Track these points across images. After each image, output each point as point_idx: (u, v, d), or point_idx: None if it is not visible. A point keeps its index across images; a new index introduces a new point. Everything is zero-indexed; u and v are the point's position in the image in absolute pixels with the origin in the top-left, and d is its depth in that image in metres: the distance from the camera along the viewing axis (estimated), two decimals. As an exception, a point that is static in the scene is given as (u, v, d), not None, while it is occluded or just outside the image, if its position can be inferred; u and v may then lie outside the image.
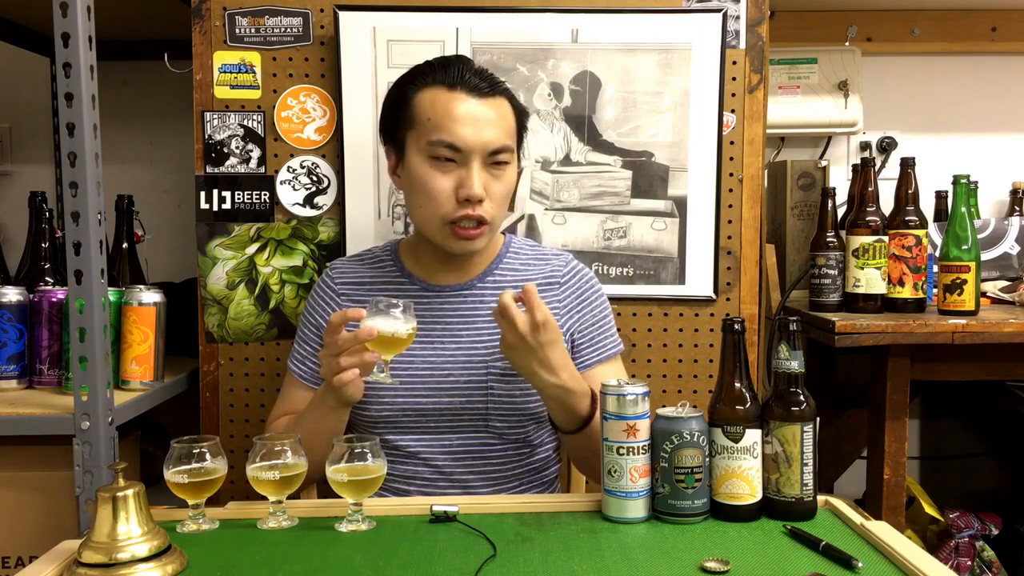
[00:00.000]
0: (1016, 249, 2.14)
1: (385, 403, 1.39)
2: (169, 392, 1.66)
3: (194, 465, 1.14)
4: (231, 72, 1.73)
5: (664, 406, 1.19)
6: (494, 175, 1.34)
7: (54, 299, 1.57)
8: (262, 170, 1.74)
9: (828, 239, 1.99)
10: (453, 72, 1.34)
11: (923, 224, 1.92)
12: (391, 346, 1.22)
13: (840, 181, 2.34)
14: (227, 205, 1.74)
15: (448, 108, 1.32)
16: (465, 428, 1.40)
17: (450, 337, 1.40)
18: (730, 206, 1.76)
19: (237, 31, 1.72)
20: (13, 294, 1.57)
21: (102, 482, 1.31)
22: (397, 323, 1.20)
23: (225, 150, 1.73)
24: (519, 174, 1.44)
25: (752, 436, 1.14)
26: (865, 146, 2.43)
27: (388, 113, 1.41)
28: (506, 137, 1.34)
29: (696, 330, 1.78)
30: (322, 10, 1.72)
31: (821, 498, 1.20)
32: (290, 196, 1.74)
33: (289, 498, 1.19)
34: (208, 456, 1.14)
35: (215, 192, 1.74)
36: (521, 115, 1.41)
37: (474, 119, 1.31)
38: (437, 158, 1.32)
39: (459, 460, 1.40)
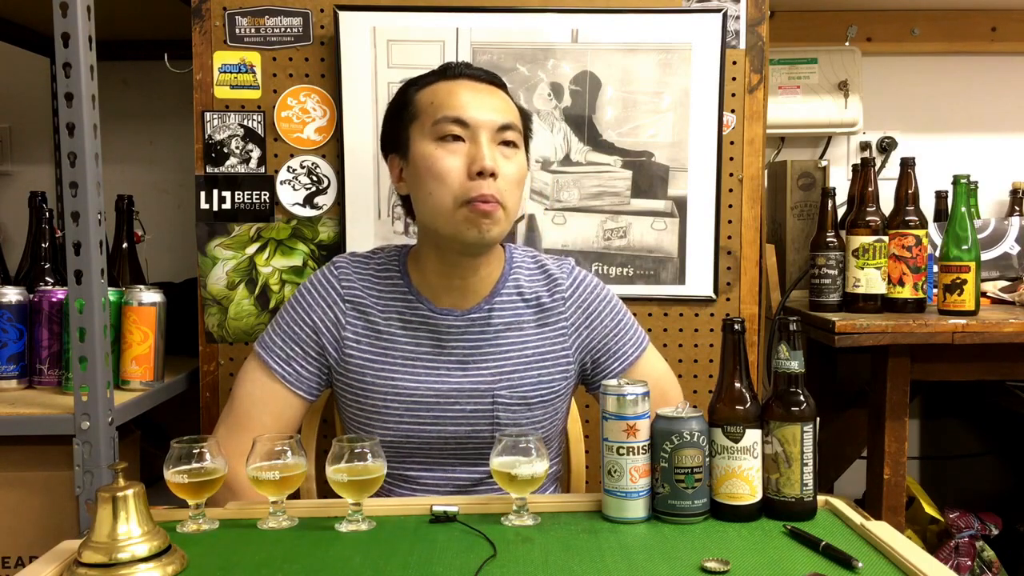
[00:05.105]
0: (1016, 249, 2.14)
1: (389, 430, 1.35)
2: (169, 392, 1.65)
3: (194, 465, 1.13)
4: (231, 72, 1.73)
5: (664, 406, 1.19)
6: (505, 155, 1.30)
7: (54, 299, 1.57)
8: (262, 170, 1.74)
9: (828, 239, 1.99)
10: (453, 69, 1.36)
11: (923, 224, 1.92)
12: None
13: (840, 181, 2.34)
14: (227, 205, 1.74)
15: (452, 90, 1.32)
16: (470, 457, 1.38)
17: (457, 366, 1.36)
18: (730, 206, 1.76)
19: (237, 31, 1.72)
20: (13, 294, 1.56)
21: (102, 482, 1.31)
22: None
23: (225, 150, 1.73)
24: (527, 172, 1.41)
25: (752, 436, 1.14)
26: (865, 146, 2.43)
27: (389, 118, 1.38)
28: (512, 116, 1.33)
29: (696, 330, 1.78)
30: (322, 10, 1.72)
31: (821, 498, 1.20)
32: (290, 196, 1.74)
33: (289, 498, 1.19)
34: (208, 456, 1.14)
35: (215, 192, 1.74)
36: (524, 114, 1.39)
37: (479, 99, 1.31)
38: (444, 137, 1.28)
39: (462, 489, 1.38)
